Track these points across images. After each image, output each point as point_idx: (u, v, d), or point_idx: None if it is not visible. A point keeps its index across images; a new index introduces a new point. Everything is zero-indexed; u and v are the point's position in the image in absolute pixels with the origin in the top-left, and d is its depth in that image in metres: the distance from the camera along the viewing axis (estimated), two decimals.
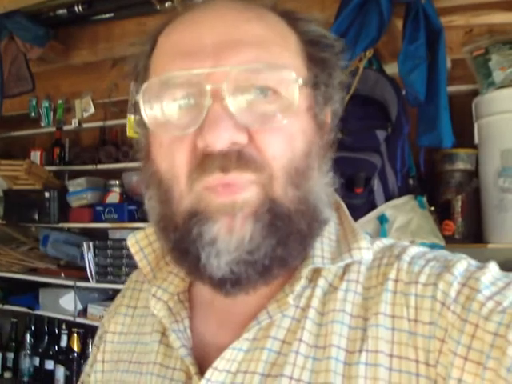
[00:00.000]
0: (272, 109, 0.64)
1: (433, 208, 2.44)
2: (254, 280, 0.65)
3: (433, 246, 2.14)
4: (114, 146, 3.49)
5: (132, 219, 3.29)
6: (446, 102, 2.08)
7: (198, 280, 0.70)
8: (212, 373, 0.67)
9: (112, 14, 2.68)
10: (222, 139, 0.61)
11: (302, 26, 0.71)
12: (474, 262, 0.66)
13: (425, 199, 2.36)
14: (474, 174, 2.49)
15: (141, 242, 0.81)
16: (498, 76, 2.29)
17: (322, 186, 0.70)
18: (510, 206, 2.24)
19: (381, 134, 2.30)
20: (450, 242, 2.32)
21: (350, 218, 0.76)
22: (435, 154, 2.53)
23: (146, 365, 0.76)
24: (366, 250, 0.70)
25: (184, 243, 0.65)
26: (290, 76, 0.65)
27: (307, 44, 0.71)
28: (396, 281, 0.66)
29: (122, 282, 3.26)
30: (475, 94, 2.43)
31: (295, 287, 0.67)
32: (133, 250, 0.81)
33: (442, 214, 2.48)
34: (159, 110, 0.66)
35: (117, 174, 3.48)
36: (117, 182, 3.46)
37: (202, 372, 0.68)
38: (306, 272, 0.68)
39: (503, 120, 2.28)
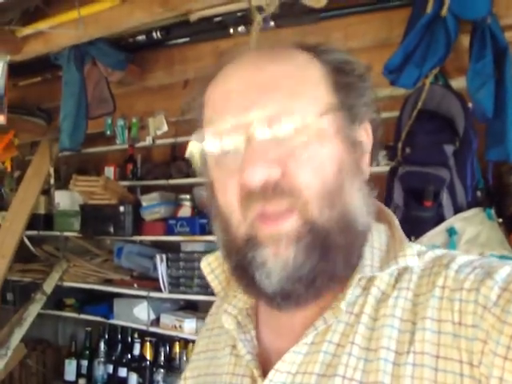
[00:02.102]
0: (300, 141, 0.71)
1: (500, 220, 2.44)
2: (301, 294, 0.73)
3: (502, 258, 2.16)
4: (185, 161, 3.57)
5: (203, 232, 3.38)
6: None
7: (254, 295, 0.80)
8: (274, 374, 0.74)
9: (187, 39, 2.81)
10: (256, 177, 0.69)
11: (326, 57, 0.79)
12: None
13: (493, 211, 2.38)
14: None
15: (212, 263, 0.91)
16: None
17: (359, 199, 0.76)
18: None
19: (448, 149, 2.33)
20: None
21: (400, 231, 0.82)
22: (502, 166, 2.54)
23: (219, 376, 0.84)
24: (411, 256, 0.76)
25: (243, 264, 0.75)
26: (314, 109, 0.73)
27: (332, 72, 0.78)
28: (443, 288, 0.70)
29: (194, 293, 3.40)
30: None
31: (346, 294, 0.73)
32: (205, 272, 0.91)
33: (509, 225, 2.48)
34: (210, 158, 0.77)
35: (187, 189, 3.58)
36: (188, 197, 3.56)
37: (266, 376, 0.76)
38: (354, 281, 0.74)
39: None
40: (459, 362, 0.64)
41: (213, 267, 0.91)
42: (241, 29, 2.38)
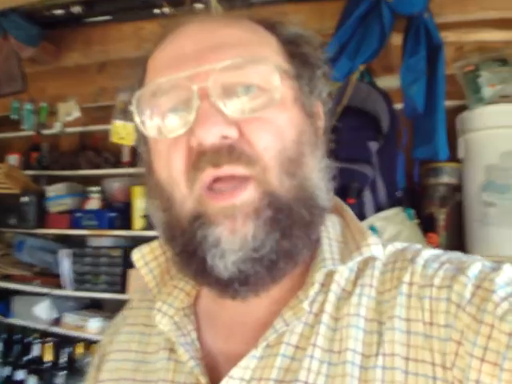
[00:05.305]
0: (259, 103, 0.66)
1: (418, 220, 2.47)
2: (262, 277, 0.65)
3: None
4: (95, 151, 3.45)
5: (112, 226, 3.26)
6: (444, 115, 2.12)
7: (205, 283, 0.70)
8: (227, 381, 0.66)
9: (109, 17, 2.64)
10: (212, 133, 0.63)
11: (279, 29, 0.74)
12: (488, 264, 0.65)
13: (413, 211, 2.40)
14: (457, 188, 2.54)
15: (146, 256, 0.81)
16: (487, 92, 2.35)
17: (318, 172, 0.71)
18: (493, 219, 2.28)
19: (373, 146, 2.33)
20: None
21: (357, 221, 0.77)
22: (420, 168, 2.57)
23: (154, 383, 0.74)
24: (374, 245, 0.70)
25: (190, 246, 0.66)
26: (270, 67, 0.67)
27: (286, 43, 0.73)
28: (410, 284, 0.66)
29: (100, 291, 3.27)
30: (459, 109, 2.48)
31: (309, 292, 0.67)
32: (138, 265, 0.81)
33: (425, 226, 2.51)
34: (153, 118, 0.69)
35: (97, 180, 3.45)
36: (97, 189, 3.43)
37: (213, 383, 0.68)
38: (318, 276, 0.68)
39: (490, 135, 2.33)
40: (431, 364, 0.60)
41: (147, 260, 0.81)
42: (166, 10, 2.26)
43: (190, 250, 0.66)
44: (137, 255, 0.81)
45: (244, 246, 0.63)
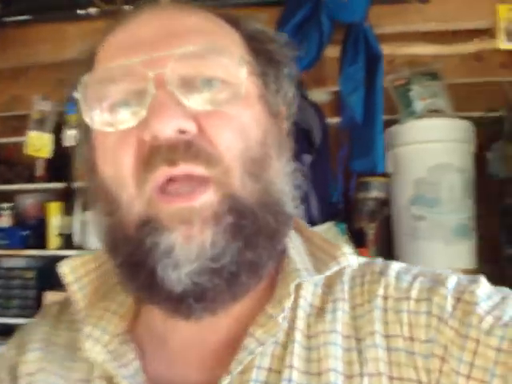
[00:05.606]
0: (221, 97, 0.60)
1: (348, 235, 2.45)
2: (221, 292, 0.58)
3: None
4: (7, 165, 3.24)
5: (25, 245, 3.07)
6: (382, 127, 2.13)
7: (154, 300, 0.61)
8: None
9: (28, 17, 2.48)
10: (168, 126, 0.56)
11: (242, 24, 0.69)
12: (463, 276, 0.63)
13: (344, 226, 2.38)
14: (386, 202, 2.55)
15: (78, 270, 0.70)
16: (418, 106, 2.38)
17: (283, 176, 0.65)
18: (423, 233, 2.30)
19: (306, 158, 2.30)
20: None
21: (319, 233, 0.72)
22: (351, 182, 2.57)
23: None
24: (350, 255, 0.66)
25: (137, 255, 0.58)
26: (235, 60, 0.62)
27: (249, 39, 0.68)
28: (385, 298, 0.62)
29: (12, 315, 3.07)
30: (390, 123, 2.50)
31: (284, 304, 0.60)
32: (67, 280, 0.70)
33: (356, 241, 2.51)
34: (100, 107, 0.62)
35: (8, 196, 3.25)
36: (8, 205, 3.21)
37: None
38: (293, 287, 0.61)
39: (418, 149, 2.36)
40: (418, 382, 0.56)
41: (78, 275, 0.70)
42: (91, 10, 2.14)
43: (136, 261, 0.58)
44: (66, 268, 0.70)
45: (201, 255, 0.56)
